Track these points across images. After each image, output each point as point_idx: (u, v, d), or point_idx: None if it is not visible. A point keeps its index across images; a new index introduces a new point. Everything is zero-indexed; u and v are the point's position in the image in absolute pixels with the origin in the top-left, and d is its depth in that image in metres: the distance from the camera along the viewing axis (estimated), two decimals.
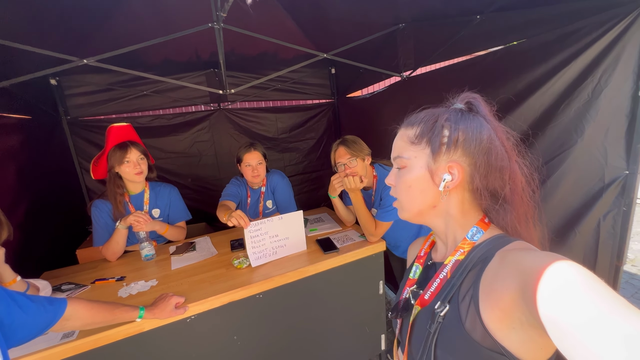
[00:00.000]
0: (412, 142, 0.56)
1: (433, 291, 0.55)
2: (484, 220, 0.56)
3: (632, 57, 1.02)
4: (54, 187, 2.11)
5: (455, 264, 0.54)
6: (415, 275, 0.64)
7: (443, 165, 0.53)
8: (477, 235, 0.54)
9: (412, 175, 0.56)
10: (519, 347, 0.42)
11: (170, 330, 1.17)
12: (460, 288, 0.50)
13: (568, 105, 1.18)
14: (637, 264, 2.98)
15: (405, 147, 0.57)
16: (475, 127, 0.53)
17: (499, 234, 0.54)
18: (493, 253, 0.49)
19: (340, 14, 1.96)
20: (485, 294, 0.45)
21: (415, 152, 0.56)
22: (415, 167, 0.56)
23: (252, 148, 1.82)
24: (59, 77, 2.31)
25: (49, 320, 0.83)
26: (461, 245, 0.54)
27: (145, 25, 1.91)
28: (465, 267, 0.52)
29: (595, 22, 1.08)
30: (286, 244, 1.50)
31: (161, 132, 2.69)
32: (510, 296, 0.41)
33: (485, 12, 1.44)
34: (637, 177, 1.09)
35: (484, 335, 0.44)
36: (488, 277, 0.46)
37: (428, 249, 0.67)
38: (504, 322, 0.42)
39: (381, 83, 2.64)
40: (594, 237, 1.20)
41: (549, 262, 0.37)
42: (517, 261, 0.43)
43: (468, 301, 0.48)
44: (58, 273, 1.54)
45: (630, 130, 1.07)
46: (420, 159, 0.55)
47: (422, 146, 0.55)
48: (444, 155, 0.53)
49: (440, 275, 0.55)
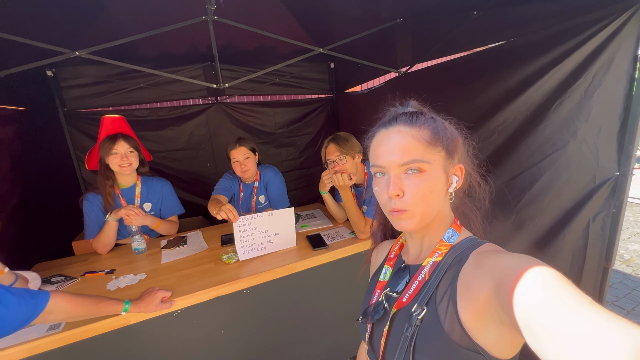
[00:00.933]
0: (430, 143, 0.52)
1: (412, 293, 0.55)
2: (457, 223, 0.57)
3: (626, 57, 1.00)
4: (51, 178, 2.12)
5: (433, 265, 0.54)
6: (385, 277, 0.64)
7: (455, 167, 0.55)
8: (454, 238, 0.55)
9: (433, 180, 0.52)
10: (493, 344, 0.44)
11: (156, 323, 1.18)
12: (437, 290, 0.51)
13: (560, 104, 1.16)
14: (632, 264, 2.96)
15: (423, 150, 0.51)
16: (455, 132, 0.56)
17: (470, 236, 0.56)
18: (467, 254, 0.50)
19: (338, 8, 1.93)
20: (462, 294, 0.46)
21: (434, 154, 0.52)
22: (435, 172, 0.52)
23: (238, 144, 1.82)
24: (55, 69, 2.30)
25: (30, 314, 0.84)
26: (439, 247, 0.55)
27: (141, 18, 1.89)
28: (441, 269, 0.52)
29: (590, 20, 1.05)
30: (275, 239, 1.51)
31: (158, 126, 2.69)
32: (485, 295, 0.43)
33: (482, 8, 1.42)
34: (628, 179, 1.07)
35: (462, 335, 0.45)
36: (465, 278, 0.47)
37: (398, 251, 0.66)
38: (480, 321, 0.44)
39: (380, 78, 2.62)
40: (583, 238, 1.19)
41: (527, 265, 0.39)
42: (491, 262, 0.45)
43: (446, 302, 0.48)
44: (50, 265, 1.56)
45: (623, 132, 1.05)
46: (439, 163, 0.52)
47: (439, 148, 0.52)
48: (455, 157, 0.55)
49: (419, 278, 0.55)
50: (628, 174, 1.06)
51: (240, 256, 1.43)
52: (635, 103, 1.00)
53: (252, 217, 1.43)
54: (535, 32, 1.26)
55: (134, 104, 2.64)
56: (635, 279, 2.74)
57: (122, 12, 1.85)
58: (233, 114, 2.91)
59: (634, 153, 1.05)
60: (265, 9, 1.99)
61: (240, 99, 3.04)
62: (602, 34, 1.03)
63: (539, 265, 0.38)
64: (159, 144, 2.70)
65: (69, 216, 2.26)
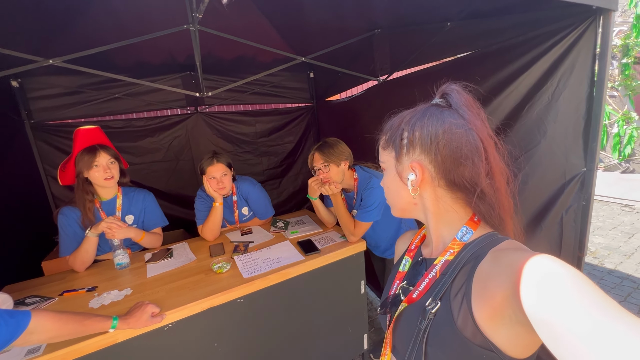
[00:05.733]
0: (384, 147, 0.61)
1: (422, 290, 0.55)
2: (473, 219, 0.55)
3: (586, 62, 1.11)
4: (17, 195, 1.97)
5: (444, 264, 0.54)
6: (404, 268, 0.65)
7: (407, 166, 0.56)
8: (467, 236, 0.54)
9: (387, 177, 0.62)
10: (507, 343, 0.43)
11: (147, 339, 1.13)
12: (452, 285, 0.50)
13: (531, 107, 1.26)
14: (598, 256, 3.19)
15: (380, 153, 0.62)
16: (432, 123, 0.53)
17: (489, 232, 0.54)
18: (485, 251, 0.49)
19: (317, 19, 1.99)
20: (478, 291, 0.46)
21: (386, 156, 0.61)
22: (388, 170, 0.61)
23: (215, 160, 1.75)
24: (21, 79, 2.18)
25: (10, 335, 0.77)
26: (451, 246, 0.54)
27: (118, 26, 1.84)
28: (456, 266, 0.51)
29: (553, 29, 1.16)
30: (280, 260, 1.50)
31: (135, 137, 2.59)
32: (502, 294, 0.42)
33: (454, 20, 1.52)
34: (593, 174, 1.17)
35: (475, 333, 0.45)
36: (481, 275, 0.47)
37: (419, 242, 0.67)
38: (495, 320, 0.43)
39: (359, 87, 2.70)
40: (557, 231, 1.28)
41: (528, 257, 0.39)
42: (510, 261, 0.43)
43: (460, 298, 0.48)
44: (21, 286, 1.44)
45: (587, 131, 1.15)
46: (390, 163, 0.59)
47: (389, 150, 0.59)
48: (406, 156, 0.56)
49: (430, 275, 0.55)
50: (593, 169, 1.17)
51: (244, 275, 1.39)
52: (596, 104, 1.10)
53: (252, 254, 1.56)
54: (503, 42, 1.37)
55: (109, 115, 2.54)
56: (601, 269, 2.96)
57: (97, 19, 1.80)
58: (213, 124, 2.87)
59: (598, 149, 1.15)
60: (245, 19, 2.02)
61: (220, 109, 3.01)
62: (564, 42, 1.14)
63: (561, 267, 0.38)
64: (136, 156, 2.60)
65: (38, 235, 2.12)
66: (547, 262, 0.39)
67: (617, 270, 2.91)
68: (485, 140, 0.52)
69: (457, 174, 0.52)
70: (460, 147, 0.51)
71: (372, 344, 2.10)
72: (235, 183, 1.94)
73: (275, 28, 2.32)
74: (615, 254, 3.21)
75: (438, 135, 0.52)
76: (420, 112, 0.56)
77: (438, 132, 0.52)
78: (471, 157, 0.51)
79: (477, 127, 0.52)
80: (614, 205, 4.61)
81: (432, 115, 0.54)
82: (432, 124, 0.53)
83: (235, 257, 1.53)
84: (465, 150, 0.51)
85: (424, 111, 0.56)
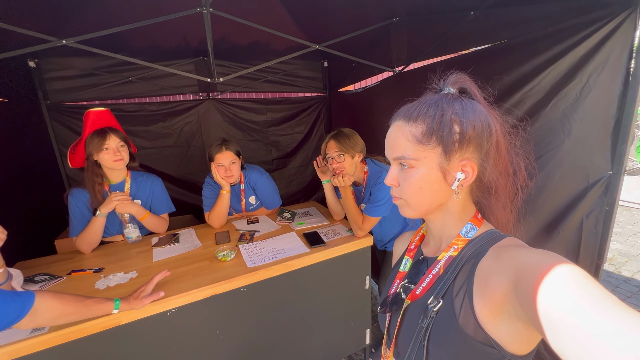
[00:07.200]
0: (420, 141, 0.51)
1: (425, 286, 0.55)
2: (477, 217, 0.55)
3: (621, 58, 1.02)
4: (32, 174, 2.02)
5: (448, 260, 0.54)
6: (405, 268, 0.64)
7: (456, 164, 0.50)
8: (472, 232, 0.54)
9: (423, 176, 0.52)
10: (508, 339, 0.44)
11: (149, 323, 1.14)
12: (453, 283, 0.51)
13: (556, 104, 1.18)
14: (615, 263, 3.07)
15: (411, 147, 0.51)
16: (483, 119, 0.50)
17: (491, 230, 0.54)
18: (486, 248, 0.49)
19: (333, 4, 1.92)
20: (479, 288, 0.46)
21: (425, 152, 0.51)
22: (426, 168, 0.51)
23: (224, 147, 1.72)
24: (37, 59, 2.20)
25: (16, 316, 0.79)
26: (455, 242, 0.54)
27: (132, 8, 1.83)
28: (458, 263, 0.52)
29: (586, 21, 1.08)
30: (285, 251, 1.48)
31: (147, 121, 2.61)
32: (503, 290, 0.42)
33: (479, 9, 1.43)
34: (620, 178, 1.10)
35: (477, 329, 0.45)
36: (482, 272, 0.47)
37: (419, 242, 0.66)
38: (496, 316, 0.43)
39: (374, 77, 2.62)
40: (576, 236, 1.22)
41: (550, 262, 0.38)
42: (511, 257, 0.44)
43: (462, 296, 0.48)
44: (33, 263, 1.48)
45: (616, 132, 1.08)
46: (432, 160, 0.51)
47: (431, 145, 0.50)
48: (457, 153, 0.50)
49: (433, 271, 0.55)
50: (621, 173, 1.09)
51: (248, 264, 1.38)
52: (629, 104, 1.02)
53: (257, 243, 1.55)
54: (530, 33, 1.28)
55: (122, 98, 2.55)
56: (617, 276, 2.85)
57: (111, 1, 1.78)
58: (224, 110, 2.86)
59: (627, 152, 1.08)
60: (259, 4, 1.96)
61: (232, 96, 2.99)
62: (597, 34, 1.05)
63: (562, 263, 0.37)
64: (147, 140, 2.62)
65: (52, 214, 2.17)
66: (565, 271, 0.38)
67: (634, 279, 2.79)
68: (503, 138, 0.53)
69: (489, 173, 0.51)
70: (501, 146, 0.51)
71: (375, 339, 2.09)
72: (244, 171, 1.92)
73: (290, 13, 2.27)
74: (633, 261, 3.08)
75: (492, 133, 0.50)
76: (454, 102, 0.51)
77: (492, 129, 0.51)
78: (505, 156, 0.52)
79: (496, 126, 0.52)
80: (635, 211, 4.42)
81: (473, 108, 0.51)
82: (484, 120, 0.51)
83: (240, 246, 1.53)
84: (503, 149, 0.52)
85: (455, 100, 0.51)
